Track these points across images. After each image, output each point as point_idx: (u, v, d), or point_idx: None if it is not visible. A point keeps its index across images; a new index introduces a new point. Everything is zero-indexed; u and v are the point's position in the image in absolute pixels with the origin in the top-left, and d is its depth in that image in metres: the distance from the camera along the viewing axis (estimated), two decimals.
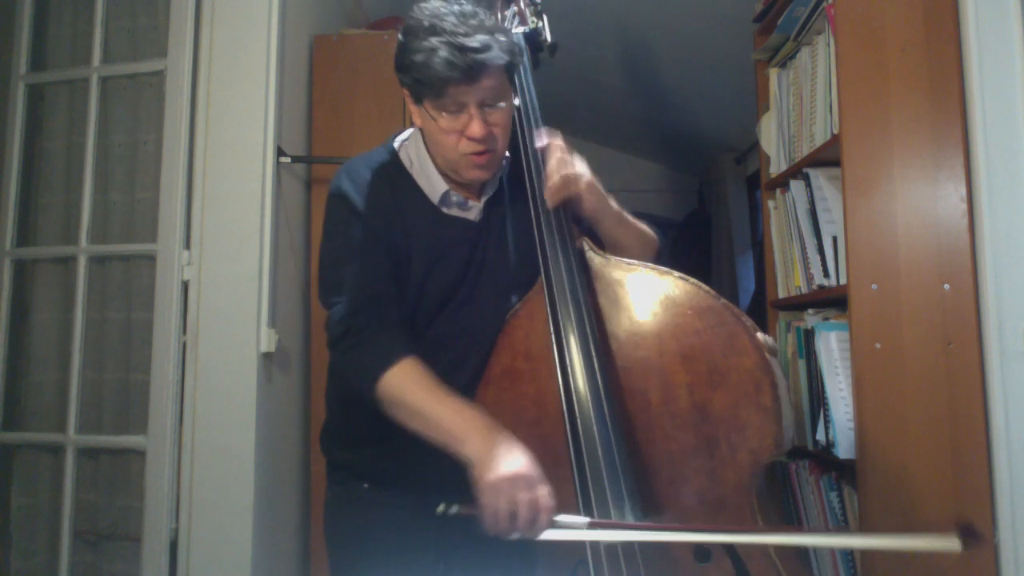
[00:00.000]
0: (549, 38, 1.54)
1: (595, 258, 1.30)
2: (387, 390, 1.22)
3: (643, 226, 1.44)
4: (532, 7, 1.53)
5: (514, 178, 1.43)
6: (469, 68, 1.19)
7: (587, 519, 1.08)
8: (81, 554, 2.00)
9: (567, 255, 1.27)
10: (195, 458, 1.90)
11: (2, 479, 2.07)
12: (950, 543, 0.93)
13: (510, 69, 1.27)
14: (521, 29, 1.49)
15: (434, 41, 1.19)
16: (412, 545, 1.31)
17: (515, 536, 1.09)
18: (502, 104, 1.26)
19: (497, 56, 1.21)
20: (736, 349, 1.14)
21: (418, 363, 1.24)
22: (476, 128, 1.24)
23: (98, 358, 2.04)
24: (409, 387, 1.21)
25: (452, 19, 1.21)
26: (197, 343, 1.94)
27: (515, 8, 1.54)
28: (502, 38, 1.24)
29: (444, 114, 1.25)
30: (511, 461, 1.11)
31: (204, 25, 2.02)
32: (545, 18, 1.54)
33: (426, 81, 1.22)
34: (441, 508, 1.11)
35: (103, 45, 2.10)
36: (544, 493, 1.09)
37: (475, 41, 1.19)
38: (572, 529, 1.07)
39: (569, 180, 1.31)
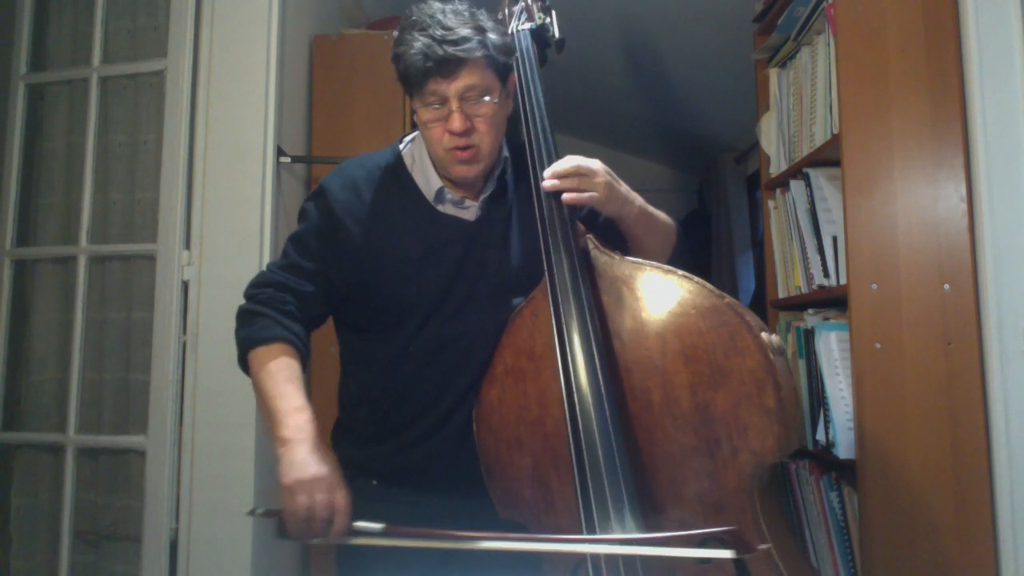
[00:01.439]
0: (557, 34, 1.52)
1: (599, 257, 1.29)
2: (251, 363, 1.28)
3: (663, 217, 1.45)
4: (539, 3, 1.52)
5: (520, 179, 1.42)
6: (444, 61, 1.21)
7: (382, 525, 1.11)
8: (81, 554, 2.00)
9: (570, 254, 1.27)
10: (195, 458, 1.90)
11: (2, 479, 2.07)
12: (725, 553, 1.02)
13: (495, 65, 1.27)
14: (528, 25, 1.49)
15: (416, 35, 1.23)
16: (422, 549, 1.31)
17: (315, 540, 1.13)
18: (486, 99, 1.26)
19: (474, 49, 1.22)
20: (738, 349, 1.14)
21: (289, 352, 1.28)
22: (455, 122, 1.25)
23: (98, 358, 2.04)
24: (266, 368, 1.25)
25: (439, 16, 1.24)
26: (197, 343, 1.94)
27: (522, 4, 1.53)
28: (491, 35, 1.25)
29: (427, 107, 1.27)
30: (311, 464, 1.14)
31: (204, 25, 2.02)
32: (553, 14, 1.53)
33: (405, 74, 1.25)
34: (248, 511, 1.16)
35: (103, 45, 2.10)
36: (340, 497, 1.13)
37: (454, 35, 1.21)
38: (368, 535, 1.11)
39: (581, 171, 1.29)
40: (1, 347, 2.07)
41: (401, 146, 1.42)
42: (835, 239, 1.88)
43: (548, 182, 1.30)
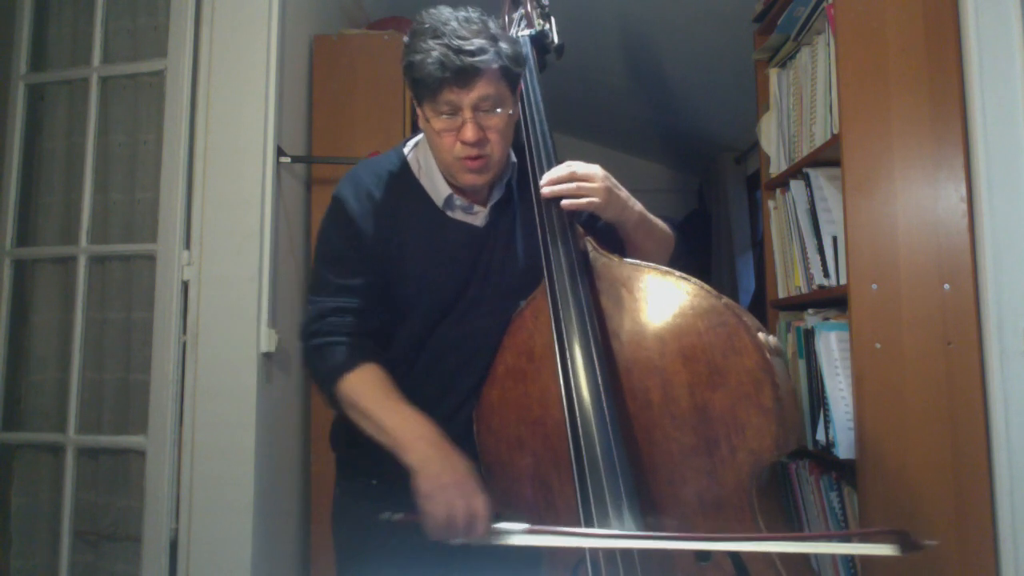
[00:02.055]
0: (556, 40, 1.53)
1: (599, 259, 1.30)
2: (344, 393, 1.28)
3: (661, 224, 1.45)
4: (539, 9, 1.54)
5: (524, 184, 1.43)
6: (461, 71, 1.20)
7: (525, 525, 1.13)
8: (81, 554, 2.00)
9: (569, 256, 1.27)
10: (195, 458, 1.90)
11: (2, 479, 2.07)
12: (889, 550, 1.00)
13: (508, 75, 1.27)
14: (527, 32, 1.50)
15: (432, 43, 1.22)
16: (417, 543, 1.32)
17: (456, 542, 1.15)
18: (498, 110, 1.26)
19: (491, 60, 1.22)
20: (736, 349, 1.14)
21: (377, 370, 1.29)
22: (469, 132, 1.25)
23: (98, 358, 2.04)
24: (364, 392, 1.27)
25: (454, 24, 1.23)
26: (197, 343, 1.94)
27: (522, 11, 1.54)
28: (503, 45, 1.25)
29: (440, 116, 1.26)
30: (448, 470, 1.17)
31: (204, 25, 2.02)
32: (552, 20, 1.54)
33: (421, 82, 1.24)
34: (385, 515, 1.18)
35: (103, 45, 2.10)
36: (480, 500, 1.15)
37: (471, 45, 1.21)
38: (511, 534, 1.13)
39: (578, 177, 1.30)
40: (1, 347, 2.07)
41: (405, 151, 1.42)
42: (835, 239, 1.88)
43: (546, 188, 1.31)
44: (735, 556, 1.12)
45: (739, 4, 2.55)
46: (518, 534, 1.12)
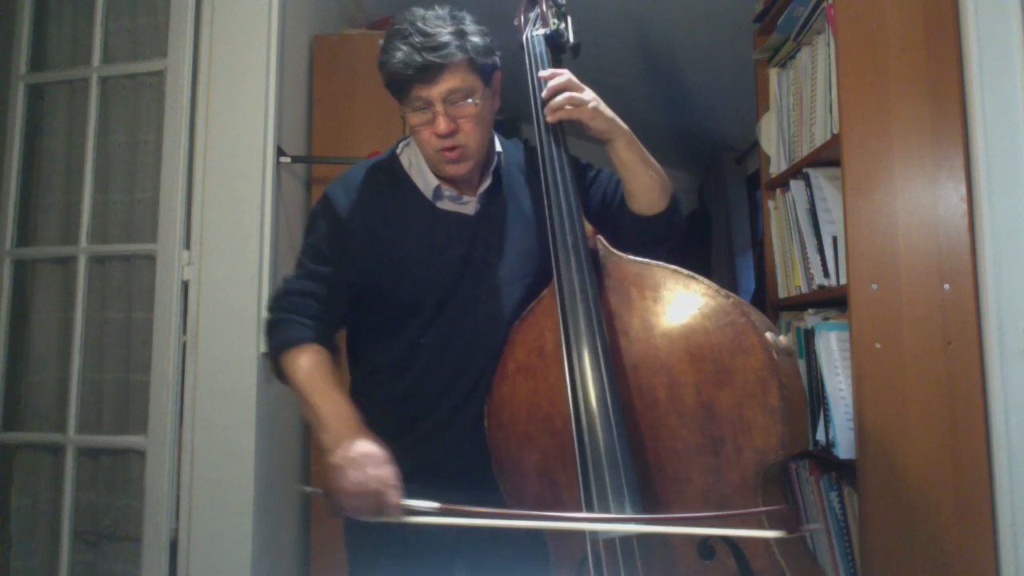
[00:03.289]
0: (572, 39, 1.55)
1: (609, 257, 1.32)
2: (284, 367, 1.33)
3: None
4: (555, 8, 1.55)
5: (512, 171, 1.46)
6: (425, 67, 1.25)
7: (437, 504, 1.12)
8: (81, 554, 2.00)
9: (578, 255, 1.29)
10: (195, 458, 1.90)
11: (2, 479, 2.07)
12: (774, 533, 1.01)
13: (476, 67, 1.30)
14: (542, 31, 1.51)
15: (398, 43, 1.27)
16: (429, 540, 1.32)
17: (369, 517, 1.14)
18: (469, 100, 1.30)
19: (453, 54, 1.26)
20: (744, 348, 1.15)
21: (320, 352, 1.32)
22: (440, 125, 1.29)
23: (98, 358, 2.04)
24: (300, 369, 1.30)
25: (420, 23, 1.28)
26: (197, 343, 1.94)
27: (538, 10, 1.55)
28: (473, 38, 1.29)
29: (414, 112, 1.31)
30: (357, 445, 1.17)
31: (204, 25, 2.02)
32: (569, 19, 1.56)
33: (391, 81, 1.30)
34: (305, 489, 1.30)
35: (103, 45, 2.10)
36: (390, 471, 1.15)
37: (433, 41, 1.25)
38: (421, 513, 1.12)
39: (573, 101, 1.35)
40: (1, 347, 2.07)
41: (397, 150, 1.46)
42: (835, 239, 1.88)
43: (552, 99, 1.36)
44: (738, 553, 1.12)
45: (739, 4, 2.55)
46: (429, 513, 1.11)
